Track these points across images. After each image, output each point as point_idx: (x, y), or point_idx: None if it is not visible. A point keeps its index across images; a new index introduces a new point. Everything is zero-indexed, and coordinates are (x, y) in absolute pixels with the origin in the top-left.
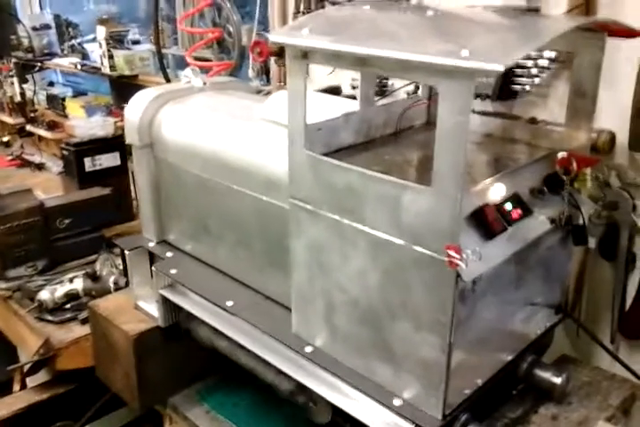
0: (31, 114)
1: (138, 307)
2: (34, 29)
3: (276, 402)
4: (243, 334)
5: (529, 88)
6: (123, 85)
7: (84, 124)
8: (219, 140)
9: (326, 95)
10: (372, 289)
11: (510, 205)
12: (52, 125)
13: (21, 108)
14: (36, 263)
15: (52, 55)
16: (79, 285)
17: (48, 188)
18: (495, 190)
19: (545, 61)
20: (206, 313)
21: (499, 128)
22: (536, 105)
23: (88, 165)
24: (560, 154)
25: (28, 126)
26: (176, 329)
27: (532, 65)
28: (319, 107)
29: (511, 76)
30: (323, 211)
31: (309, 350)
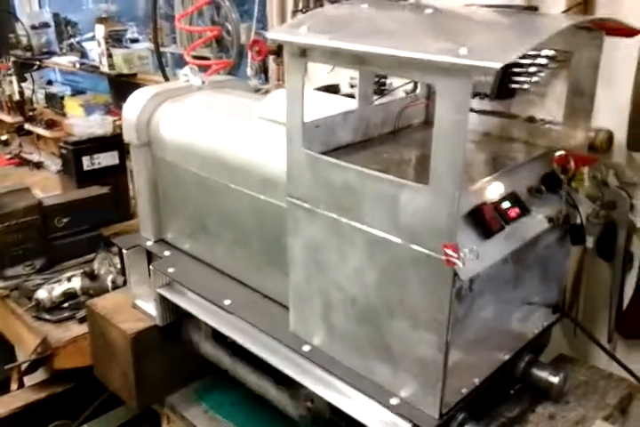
0: (30, 112)
1: (135, 306)
2: (32, 28)
3: None
4: (240, 332)
5: (527, 87)
6: (121, 84)
7: (82, 123)
8: (217, 139)
9: (324, 94)
10: (370, 288)
11: (508, 203)
12: (51, 124)
13: (20, 106)
14: (34, 262)
15: (51, 54)
16: (77, 283)
17: (46, 186)
18: (493, 189)
19: (543, 60)
20: (204, 312)
21: (497, 127)
22: (534, 104)
23: (86, 163)
24: (558, 153)
25: (26, 125)
26: (174, 328)
27: (530, 64)
28: (317, 105)
29: (509, 74)
30: (320, 209)
31: (307, 348)
